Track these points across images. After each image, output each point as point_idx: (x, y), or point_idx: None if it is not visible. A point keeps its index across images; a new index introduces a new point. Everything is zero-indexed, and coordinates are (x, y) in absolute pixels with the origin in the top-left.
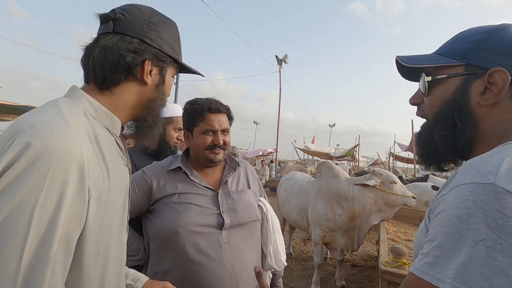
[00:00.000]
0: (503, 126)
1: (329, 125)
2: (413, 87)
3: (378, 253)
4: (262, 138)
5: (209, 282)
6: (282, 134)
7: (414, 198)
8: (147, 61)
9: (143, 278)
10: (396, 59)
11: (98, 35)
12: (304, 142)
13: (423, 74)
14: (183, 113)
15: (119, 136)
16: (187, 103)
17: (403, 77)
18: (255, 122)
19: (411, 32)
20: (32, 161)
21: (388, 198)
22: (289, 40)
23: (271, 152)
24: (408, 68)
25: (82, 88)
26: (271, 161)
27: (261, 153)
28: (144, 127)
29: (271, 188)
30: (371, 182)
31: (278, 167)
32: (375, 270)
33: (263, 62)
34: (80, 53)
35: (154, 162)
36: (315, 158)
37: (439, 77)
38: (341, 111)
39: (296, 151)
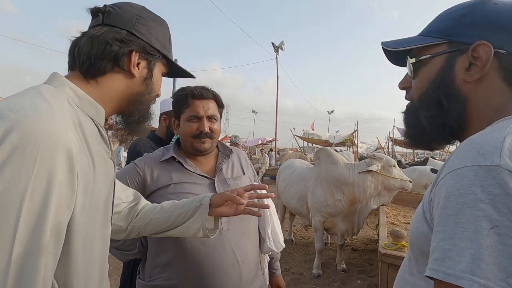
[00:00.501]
0: (493, 101)
1: (328, 112)
2: None
3: (378, 236)
4: (261, 127)
5: (212, 269)
6: (281, 122)
7: (411, 182)
8: (134, 52)
9: (207, 195)
10: (382, 45)
11: (88, 28)
12: (303, 130)
13: (408, 57)
14: (172, 102)
15: (103, 127)
16: (175, 91)
17: (393, 63)
18: (253, 111)
19: (408, 15)
20: (18, 146)
21: (387, 182)
22: (285, 33)
23: (270, 141)
24: (395, 52)
25: (65, 76)
26: (271, 150)
27: (260, 142)
28: (131, 122)
29: (271, 177)
30: (374, 167)
31: (278, 155)
32: (375, 253)
33: (260, 53)
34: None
35: (145, 154)
36: (315, 145)
37: (422, 57)
38: (339, 98)
39: (295, 138)
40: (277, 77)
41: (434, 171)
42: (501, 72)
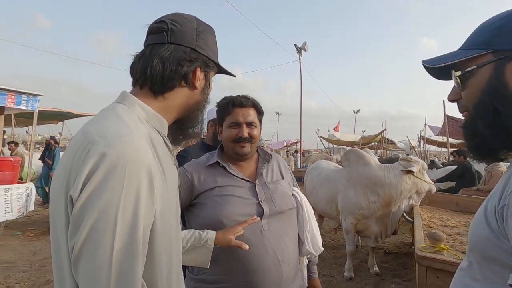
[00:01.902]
0: None
1: (354, 111)
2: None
3: (414, 239)
4: (285, 128)
5: (255, 267)
6: (305, 123)
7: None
8: (198, 68)
9: (211, 235)
10: (423, 64)
11: (149, 44)
12: (328, 131)
13: (453, 71)
14: (216, 110)
15: (167, 136)
16: (219, 100)
17: (437, 78)
18: (277, 113)
19: (434, 9)
20: (110, 168)
21: (420, 185)
22: (308, 33)
23: (295, 143)
24: (438, 68)
25: (132, 93)
26: (296, 151)
27: (285, 144)
28: (188, 128)
29: (297, 179)
30: (414, 169)
31: (303, 156)
32: (409, 257)
33: (281, 54)
34: (102, 59)
35: (193, 159)
36: (340, 146)
37: (468, 69)
38: (365, 96)
39: (321, 139)
40: (301, 78)
41: None
42: None
